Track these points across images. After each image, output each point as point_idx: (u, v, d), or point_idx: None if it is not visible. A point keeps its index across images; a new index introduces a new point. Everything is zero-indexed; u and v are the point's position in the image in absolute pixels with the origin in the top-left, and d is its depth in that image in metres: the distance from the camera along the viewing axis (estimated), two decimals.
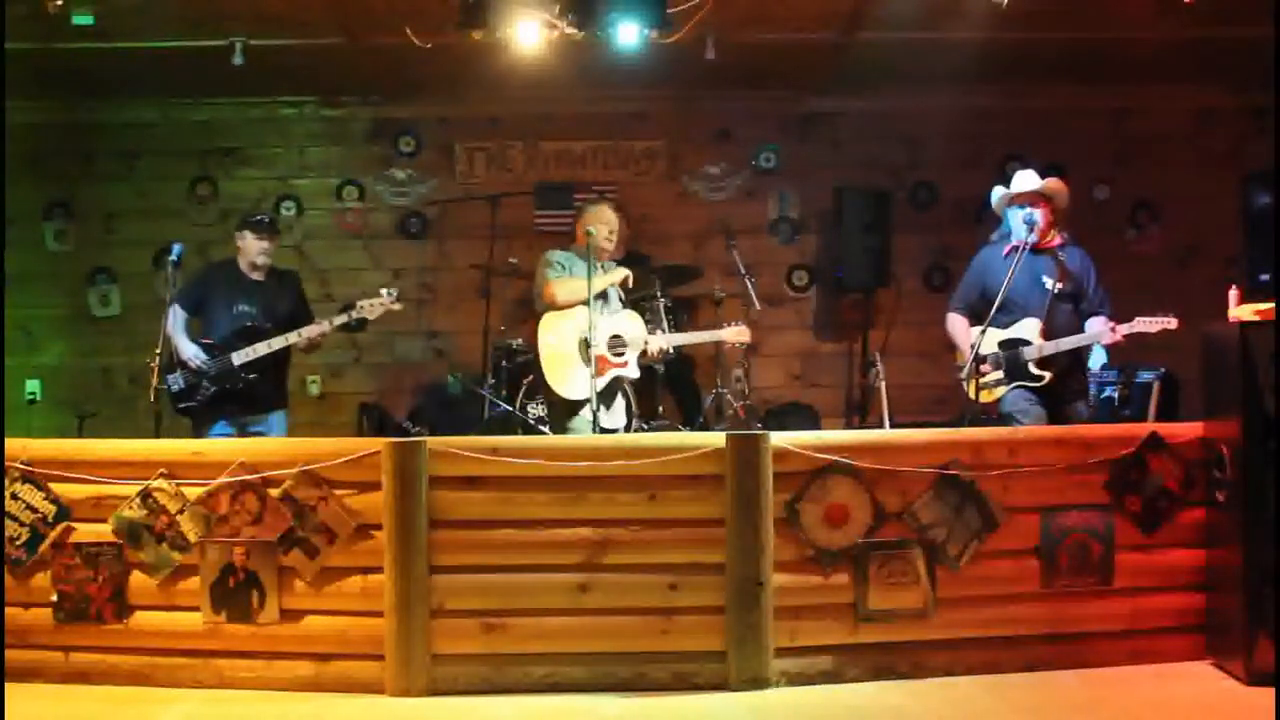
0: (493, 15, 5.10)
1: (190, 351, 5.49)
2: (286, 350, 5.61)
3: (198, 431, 5.48)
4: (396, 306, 5.59)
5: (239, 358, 5.47)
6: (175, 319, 5.55)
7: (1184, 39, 6.22)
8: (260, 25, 6.02)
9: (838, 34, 6.33)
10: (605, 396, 5.23)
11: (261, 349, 5.48)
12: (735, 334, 5.68)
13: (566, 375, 5.25)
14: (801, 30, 6.27)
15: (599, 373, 5.14)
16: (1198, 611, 4.28)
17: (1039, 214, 5.15)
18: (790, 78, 7.20)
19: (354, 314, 5.56)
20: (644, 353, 5.42)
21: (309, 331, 5.52)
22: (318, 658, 4.12)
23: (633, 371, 5.39)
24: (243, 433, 5.53)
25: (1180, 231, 7.56)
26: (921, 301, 7.37)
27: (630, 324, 5.43)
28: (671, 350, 5.65)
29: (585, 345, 5.24)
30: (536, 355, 5.33)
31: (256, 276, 5.72)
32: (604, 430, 5.10)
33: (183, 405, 5.51)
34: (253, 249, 5.67)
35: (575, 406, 5.26)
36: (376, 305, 5.52)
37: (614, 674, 4.08)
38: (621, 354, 5.35)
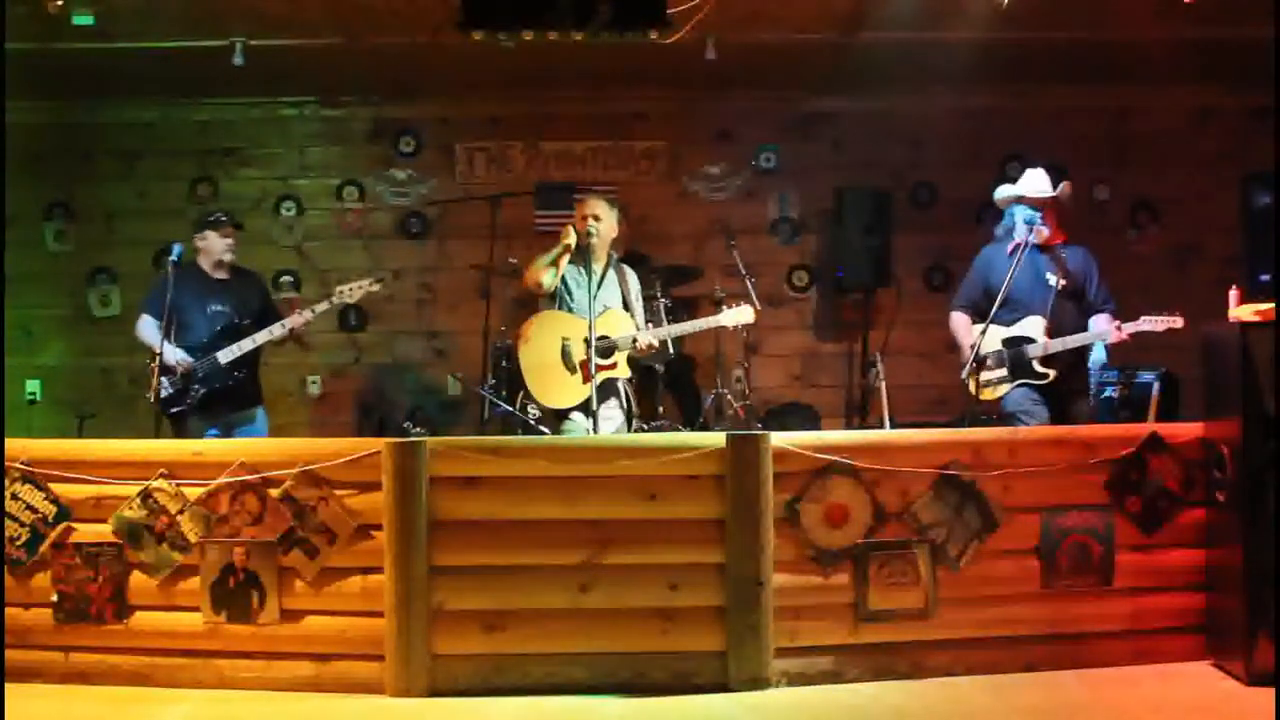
0: (493, 15, 5.09)
1: (176, 356, 5.45)
2: (260, 347, 5.63)
3: (182, 436, 5.44)
4: (375, 288, 5.65)
5: (225, 356, 5.49)
6: (150, 327, 5.55)
7: (1184, 39, 6.21)
8: (260, 25, 6.02)
9: (838, 34, 6.32)
10: (595, 400, 5.14)
11: (247, 344, 5.51)
12: (735, 316, 5.47)
13: (549, 386, 5.25)
14: (801, 30, 6.26)
15: (587, 378, 5.12)
16: (1198, 611, 4.29)
17: (1041, 217, 5.16)
18: (790, 78, 7.19)
19: (334, 299, 5.61)
20: (636, 348, 5.33)
21: (293, 321, 5.55)
22: (318, 658, 4.12)
23: (623, 371, 5.36)
24: (229, 433, 5.54)
25: (1180, 231, 7.55)
26: (922, 301, 7.35)
27: (616, 322, 5.37)
28: (670, 348, 5.60)
29: (566, 353, 5.24)
30: (518, 367, 5.32)
31: (221, 275, 5.75)
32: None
33: (173, 410, 5.48)
34: (217, 247, 5.69)
35: (563, 414, 5.25)
36: (356, 289, 5.58)
37: (614, 674, 4.07)
38: (609, 355, 5.29)
